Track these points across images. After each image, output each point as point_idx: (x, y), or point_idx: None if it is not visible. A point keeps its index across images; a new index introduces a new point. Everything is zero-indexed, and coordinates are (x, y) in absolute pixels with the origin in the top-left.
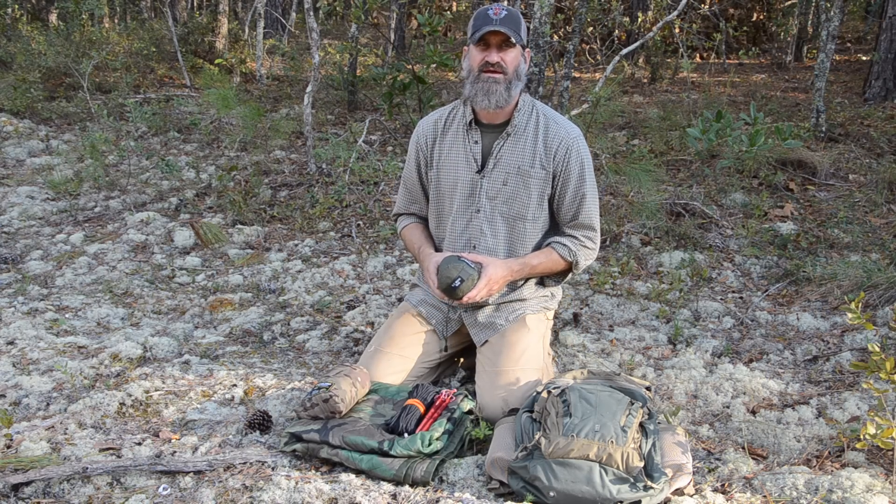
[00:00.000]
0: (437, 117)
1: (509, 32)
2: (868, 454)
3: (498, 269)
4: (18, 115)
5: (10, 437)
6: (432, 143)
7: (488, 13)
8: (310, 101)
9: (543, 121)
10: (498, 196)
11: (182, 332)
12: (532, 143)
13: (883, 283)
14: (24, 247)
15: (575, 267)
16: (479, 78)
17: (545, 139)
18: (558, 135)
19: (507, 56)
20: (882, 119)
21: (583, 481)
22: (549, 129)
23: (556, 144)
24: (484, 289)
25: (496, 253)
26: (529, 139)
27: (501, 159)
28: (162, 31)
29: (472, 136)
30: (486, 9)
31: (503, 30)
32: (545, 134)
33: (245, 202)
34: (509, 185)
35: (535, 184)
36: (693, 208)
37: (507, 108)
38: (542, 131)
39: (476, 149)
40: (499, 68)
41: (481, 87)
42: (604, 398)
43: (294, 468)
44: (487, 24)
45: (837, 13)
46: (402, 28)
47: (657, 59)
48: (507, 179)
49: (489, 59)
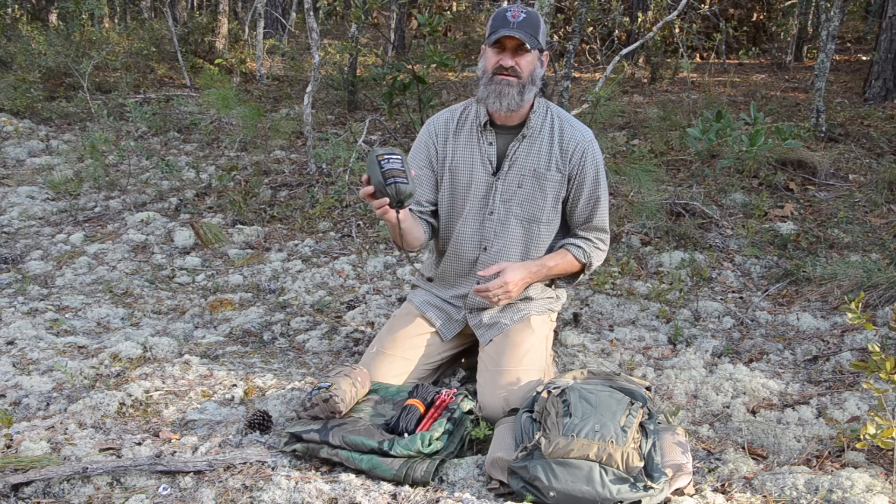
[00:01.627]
0: (448, 116)
1: (525, 38)
2: (868, 454)
3: (516, 272)
4: (18, 115)
5: (10, 437)
6: (444, 141)
7: (506, 15)
8: (310, 101)
9: (558, 123)
10: (513, 199)
11: (182, 332)
12: (548, 146)
13: (883, 283)
14: (24, 247)
15: (588, 268)
16: (493, 80)
17: (560, 142)
18: (574, 137)
19: (523, 60)
20: (882, 119)
21: (583, 481)
22: (564, 131)
23: (573, 147)
24: (501, 291)
25: (508, 255)
26: (545, 142)
27: (517, 162)
28: (162, 31)
29: (486, 138)
30: (506, 10)
31: (519, 35)
32: (560, 136)
33: (245, 202)
34: (524, 187)
35: (551, 186)
36: (693, 208)
37: (522, 110)
38: (558, 134)
39: (491, 150)
40: (512, 72)
41: (494, 89)
42: (604, 398)
43: (294, 468)
44: (504, 27)
45: (837, 13)
46: (402, 28)
47: (657, 59)
48: (522, 182)
49: (503, 62)
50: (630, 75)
